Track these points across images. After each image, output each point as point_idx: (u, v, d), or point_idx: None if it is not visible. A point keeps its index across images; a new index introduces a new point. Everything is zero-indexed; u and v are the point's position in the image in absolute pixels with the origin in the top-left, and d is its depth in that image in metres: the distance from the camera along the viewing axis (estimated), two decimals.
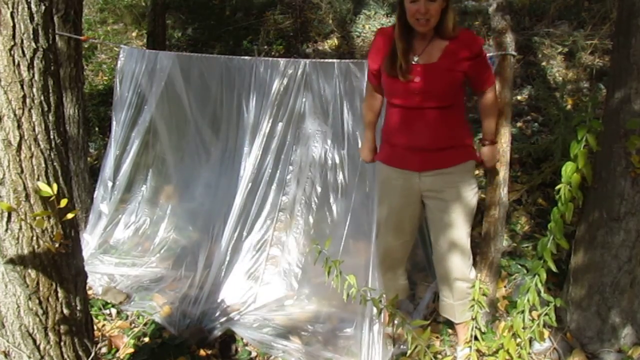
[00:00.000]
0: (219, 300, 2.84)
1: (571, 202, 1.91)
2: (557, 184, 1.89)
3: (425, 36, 2.16)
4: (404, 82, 2.15)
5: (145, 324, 2.70)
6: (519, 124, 4.29)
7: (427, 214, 2.36)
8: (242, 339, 2.65)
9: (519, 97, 4.56)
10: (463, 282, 2.34)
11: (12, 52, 1.28)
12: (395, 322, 2.06)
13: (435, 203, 2.28)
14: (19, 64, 1.29)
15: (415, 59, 2.17)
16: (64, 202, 1.38)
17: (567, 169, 1.88)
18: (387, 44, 2.21)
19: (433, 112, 2.17)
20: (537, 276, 2.04)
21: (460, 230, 2.28)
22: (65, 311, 1.49)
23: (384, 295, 2.25)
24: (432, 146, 2.21)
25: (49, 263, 1.43)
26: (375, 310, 2.23)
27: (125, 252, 3.26)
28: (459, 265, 2.31)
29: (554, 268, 1.97)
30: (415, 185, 2.27)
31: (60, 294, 1.47)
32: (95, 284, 3.00)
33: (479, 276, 2.64)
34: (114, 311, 2.84)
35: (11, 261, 1.37)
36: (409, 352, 2.04)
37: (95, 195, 3.30)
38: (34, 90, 1.32)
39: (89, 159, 3.67)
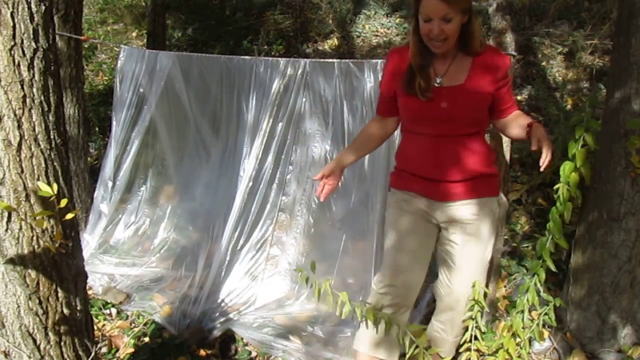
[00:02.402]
0: (219, 300, 2.84)
1: (570, 201, 1.91)
2: (557, 184, 1.89)
3: (447, 54, 1.89)
4: (428, 106, 1.87)
5: (145, 324, 2.70)
6: None
7: (440, 247, 2.07)
8: (242, 339, 2.65)
9: (519, 97, 4.56)
10: (465, 310, 2.08)
11: (12, 52, 1.28)
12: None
13: (455, 236, 2.00)
14: (19, 64, 1.29)
15: (438, 80, 1.89)
16: (64, 202, 1.37)
17: (566, 168, 1.88)
18: (403, 64, 1.93)
19: (461, 140, 1.92)
20: (536, 276, 2.04)
21: (479, 266, 2.03)
22: (66, 311, 1.49)
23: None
24: (460, 177, 1.94)
25: (49, 263, 1.43)
26: None
27: (126, 252, 3.26)
28: (467, 300, 2.04)
29: (553, 268, 1.97)
30: (435, 214, 2.01)
31: (60, 294, 1.47)
32: (96, 283, 3.00)
33: None
34: (114, 311, 2.84)
35: (11, 261, 1.37)
36: (407, 355, 2.02)
37: (95, 195, 3.30)
38: (34, 90, 1.32)
39: (89, 159, 3.67)
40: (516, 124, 1.95)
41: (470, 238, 1.98)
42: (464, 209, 1.97)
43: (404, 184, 2.04)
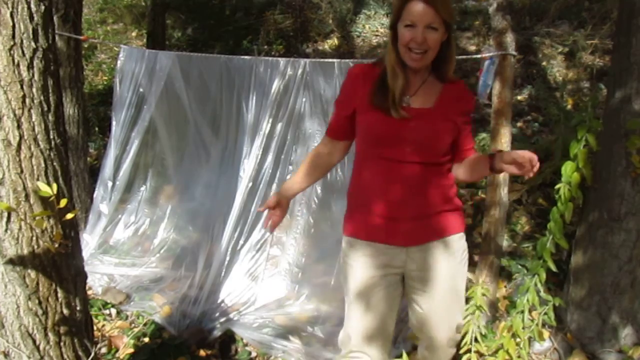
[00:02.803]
0: (218, 301, 2.84)
1: (571, 201, 1.91)
2: (557, 184, 1.89)
3: (418, 73, 1.72)
4: (396, 124, 1.67)
5: (145, 324, 2.69)
6: (519, 124, 4.29)
7: (409, 296, 1.84)
8: (242, 339, 2.65)
9: (519, 97, 4.56)
10: (453, 348, 1.90)
11: (11, 52, 1.27)
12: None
13: (423, 283, 1.78)
14: (18, 64, 1.29)
15: (407, 99, 1.71)
16: (63, 202, 1.37)
17: (567, 168, 1.88)
18: (367, 81, 1.73)
19: (426, 170, 1.71)
20: (536, 276, 2.04)
21: (455, 309, 1.83)
22: (65, 311, 1.49)
23: None
24: (424, 212, 1.74)
25: (49, 263, 1.42)
26: None
27: (125, 252, 3.26)
28: (453, 342, 1.87)
29: (553, 268, 1.97)
30: (400, 263, 1.76)
31: (59, 294, 1.47)
32: (95, 284, 3.00)
33: (479, 277, 2.64)
34: (113, 311, 2.84)
35: (11, 261, 1.37)
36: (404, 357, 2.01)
37: (95, 195, 3.30)
38: (34, 90, 1.32)
39: (88, 159, 3.67)
40: (476, 160, 1.80)
41: (440, 284, 1.77)
42: (433, 250, 1.76)
43: (364, 232, 1.77)
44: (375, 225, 1.75)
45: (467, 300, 1.80)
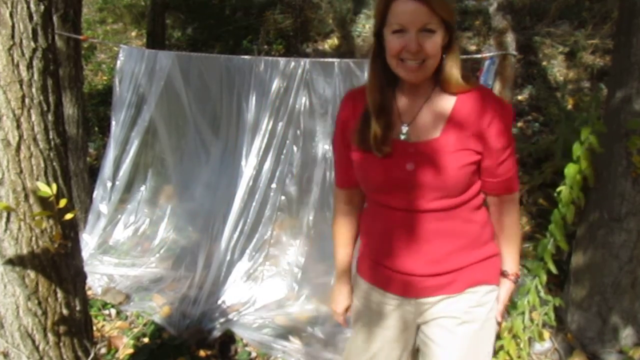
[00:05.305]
0: (218, 301, 2.83)
1: (572, 203, 1.90)
2: (558, 184, 1.89)
3: (419, 89, 1.34)
4: (389, 166, 1.33)
5: (144, 325, 2.69)
6: (519, 124, 4.29)
7: (424, 351, 1.51)
8: (241, 339, 2.64)
9: (519, 97, 4.56)
10: None
11: (11, 52, 1.27)
12: None
13: (441, 337, 1.44)
14: (18, 64, 1.28)
15: (404, 130, 1.33)
16: (63, 202, 1.37)
17: (570, 170, 1.87)
18: (357, 109, 1.40)
19: (438, 218, 1.35)
20: (537, 278, 2.04)
21: None
22: (65, 312, 1.48)
23: None
24: (436, 271, 1.38)
25: (48, 263, 1.42)
26: None
27: (125, 252, 3.26)
28: None
29: (554, 270, 1.97)
30: (410, 314, 1.46)
31: (59, 295, 1.46)
32: (95, 284, 3.00)
33: None
34: (113, 311, 2.84)
35: (10, 261, 1.37)
36: None
37: (94, 196, 3.29)
38: (33, 90, 1.32)
39: (88, 159, 3.67)
40: (502, 248, 1.47)
41: (460, 340, 1.42)
42: (450, 303, 1.42)
43: (370, 275, 1.50)
44: (379, 273, 1.46)
45: None
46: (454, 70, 1.30)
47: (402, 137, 1.33)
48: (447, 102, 1.33)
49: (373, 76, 1.35)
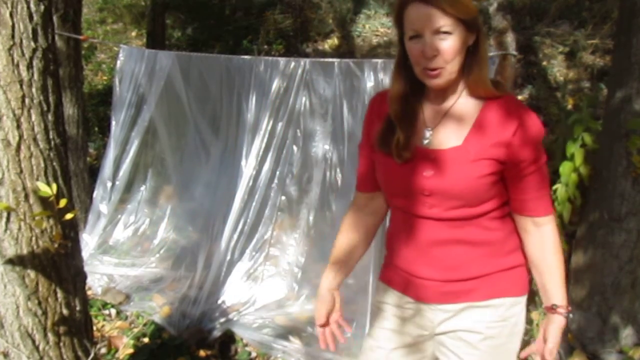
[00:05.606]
0: (218, 301, 2.83)
1: (569, 202, 1.90)
2: (556, 183, 1.89)
3: (446, 94, 1.31)
4: (406, 172, 1.32)
5: (144, 325, 2.69)
6: None
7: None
8: (241, 339, 2.64)
9: (519, 97, 4.55)
10: None
11: (11, 52, 1.27)
12: None
13: (465, 353, 1.40)
14: (18, 64, 1.28)
15: (427, 135, 1.32)
16: (63, 202, 1.37)
17: (565, 168, 1.87)
18: (382, 112, 1.39)
19: (458, 227, 1.33)
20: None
21: None
22: (65, 312, 1.48)
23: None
24: (453, 277, 1.36)
25: (48, 263, 1.42)
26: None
27: (125, 252, 3.26)
28: None
29: None
30: (429, 322, 1.43)
31: (59, 295, 1.46)
32: (95, 284, 3.00)
33: None
34: (113, 311, 2.84)
35: (10, 261, 1.37)
36: None
37: (94, 196, 3.29)
38: (33, 90, 1.32)
39: (88, 159, 3.67)
40: (544, 281, 1.40)
41: (485, 356, 1.40)
42: (472, 313, 1.38)
43: (391, 279, 1.48)
44: (400, 278, 1.45)
45: None
46: (480, 72, 1.27)
47: (425, 142, 1.32)
48: (473, 108, 1.30)
49: (396, 85, 1.33)
